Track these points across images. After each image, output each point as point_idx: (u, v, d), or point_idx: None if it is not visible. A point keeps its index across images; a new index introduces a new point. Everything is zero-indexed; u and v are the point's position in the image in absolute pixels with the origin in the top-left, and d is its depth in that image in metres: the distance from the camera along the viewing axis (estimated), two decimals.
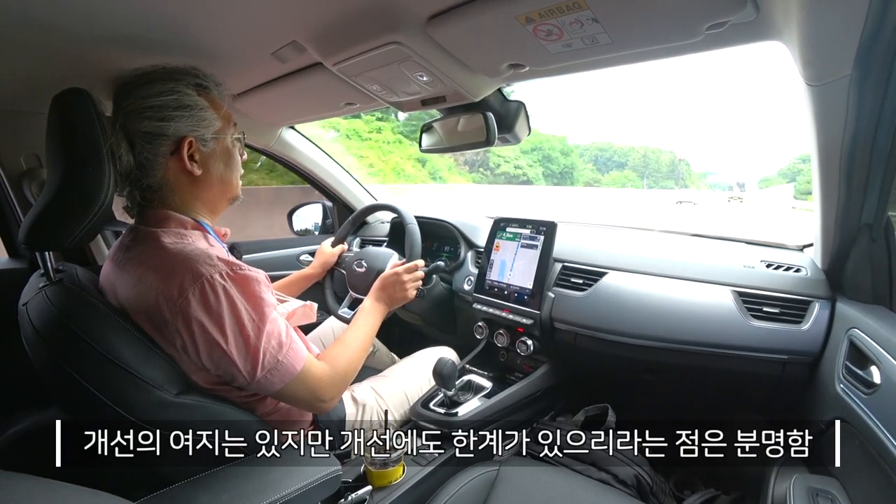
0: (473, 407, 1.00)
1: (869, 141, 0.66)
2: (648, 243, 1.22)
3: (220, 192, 0.78)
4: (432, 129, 1.12)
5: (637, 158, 54.49)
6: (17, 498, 0.37)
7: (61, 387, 0.59)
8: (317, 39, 0.77)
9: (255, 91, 1.08)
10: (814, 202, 0.83)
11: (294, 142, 1.54)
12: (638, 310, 1.01)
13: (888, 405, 0.61)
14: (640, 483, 0.93)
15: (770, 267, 0.99)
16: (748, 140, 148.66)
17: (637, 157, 54.67)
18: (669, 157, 57.92)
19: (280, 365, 0.68)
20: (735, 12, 0.55)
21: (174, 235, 0.70)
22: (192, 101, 0.71)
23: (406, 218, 1.19)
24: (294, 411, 0.81)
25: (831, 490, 0.69)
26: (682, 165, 58.26)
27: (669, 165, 56.58)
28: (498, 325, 1.22)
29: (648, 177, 52.72)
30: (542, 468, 0.90)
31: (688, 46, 0.66)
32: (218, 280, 0.64)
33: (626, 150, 54.51)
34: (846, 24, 0.51)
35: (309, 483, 0.62)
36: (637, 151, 55.68)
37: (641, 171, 53.14)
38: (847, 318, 0.80)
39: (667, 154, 58.18)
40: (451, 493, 0.81)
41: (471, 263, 1.37)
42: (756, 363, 0.89)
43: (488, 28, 0.66)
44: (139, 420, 0.60)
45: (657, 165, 55.47)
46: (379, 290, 1.00)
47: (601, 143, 55.08)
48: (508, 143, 1.08)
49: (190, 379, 0.67)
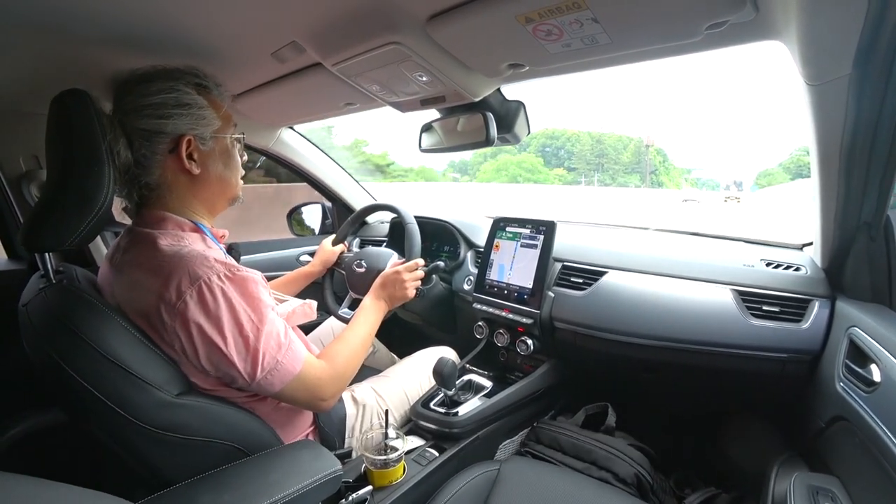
0: (474, 406, 1.01)
1: (868, 140, 0.66)
2: (648, 242, 1.22)
3: (218, 192, 0.78)
4: (432, 129, 1.12)
5: (587, 146, 43.07)
6: (17, 499, 0.37)
7: (61, 388, 0.59)
8: (316, 40, 0.77)
9: (254, 91, 1.08)
10: (813, 201, 0.83)
11: (293, 142, 1.54)
12: (638, 309, 1.01)
13: (888, 403, 0.61)
14: (641, 482, 0.93)
15: (770, 266, 0.99)
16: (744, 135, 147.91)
17: (586, 145, 43.18)
18: (635, 146, 46.49)
19: (279, 365, 0.68)
20: (734, 12, 0.55)
21: (171, 237, 0.69)
22: (191, 99, 0.71)
23: (405, 218, 1.19)
24: (294, 411, 0.81)
25: (832, 488, 0.69)
26: (650, 154, 46.72)
27: (634, 156, 45.90)
28: (498, 325, 1.22)
29: (605, 169, 43.53)
30: (543, 467, 0.90)
31: (687, 46, 0.66)
32: (216, 282, 0.64)
33: (578, 136, 45.14)
34: (846, 23, 0.51)
35: (309, 483, 0.62)
36: (589, 138, 45.33)
37: (594, 162, 42.67)
38: (847, 317, 0.80)
39: (633, 142, 46.74)
40: (451, 492, 0.81)
41: (470, 263, 1.37)
42: (756, 362, 0.90)
43: (488, 28, 0.66)
44: (139, 421, 0.60)
45: (615, 155, 45.14)
46: (379, 289, 1.00)
47: (550, 131, 47.18)
48: (508, 143, 1.08)
49: (190, 380, 0.67)
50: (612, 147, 45.89)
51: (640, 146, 47.27)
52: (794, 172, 42.39)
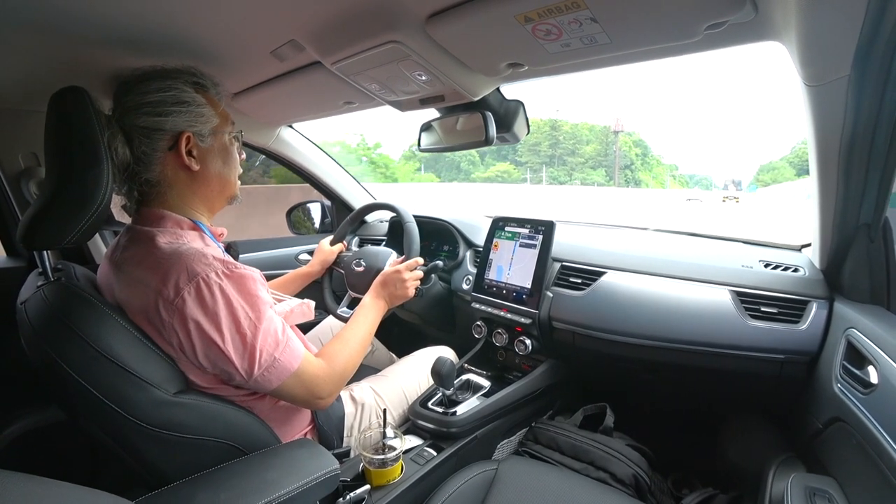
0: (472, 406, 1.01)
1: (867, 141, 0.66)
2: (647, 243, 1.22)
3: (217, 190, 0.78)
4: (431, 128, 1.11)
5: (544, 135, 30.65)
6: (15, 497, 0.37)
7: (59, 386, 0.59)
8: (316, 38, 0.77)
9: (253, 90, 1.08)
10: (812, 202, 0.83)
11: (293, 141, 1.54)
12: (636, 309, 1.01)
13: (885, 405, 0.61)
14: (639, 482, 0.93)
15: (768, 267, 0.99)
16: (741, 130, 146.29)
17: (543, 135, 30.54)
18: (600, 135, 34.06)
19: (277, 362, 0.68)
20: (734, 12, 0.55)
21: (170, 235, 0.70)
22: (189, 97, 0.72)
23: (405, 217, 1.19)
24: (293, 410, 0.81)
25: (829, 489, 0.69)
26: (619, 143, 35.23)
27: (602, 146, 34.51)
28: (496, 325, 1.22)
29: (563, 163, 31.77)
30: (541, 467, 0.90)
31: (687, 46, 0.66)
32: (214, 279, 0.64)
33: (536, 124, 35.01)
34: (845, 24, 0.51)
35: (307, 482, 0.62)
36: (549, 127, 34.81)
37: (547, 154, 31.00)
38: (845, 318, 0.80)
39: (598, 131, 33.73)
40: (449, 492, 0.81)
41: (469, 263, 1.37)
42: (754, 363, 0.90)
43: (487, 27, 0.66)
44: (137, 419, 0.60)
45: (573, 145, 33.99)
46: (379, 288, 1.00)
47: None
48: (507, 143, 1.08)
49: (188, 378, 0.67)
50: (570, 136, 34.82)
51: (608, 134, 35.72)
52: (798, 167, 37.50)
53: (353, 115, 1.21)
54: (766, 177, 41.23)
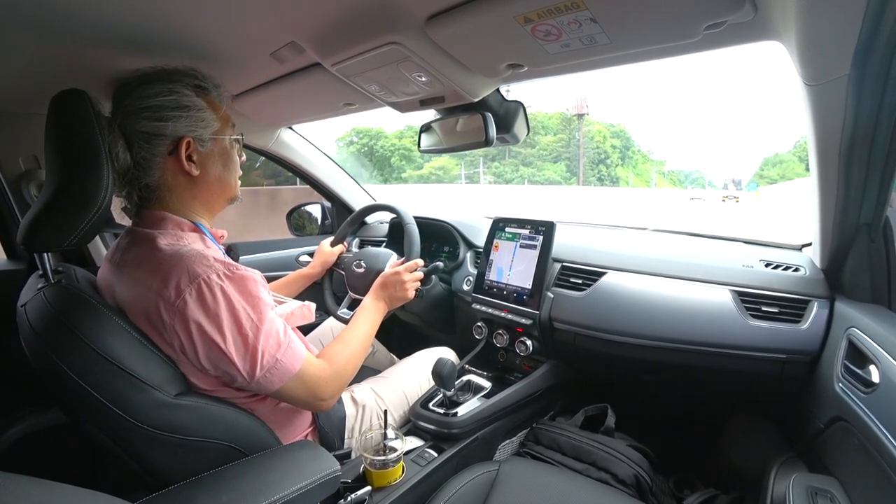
0: (473, 407, 1.00)
1: (867, 140, 0.66)
2: (647, 243, 1.22)
3: (218, 193, 0.78)
4: (431, 129, 1.12)
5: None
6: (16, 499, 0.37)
7: (60, 388, 0.59)
8: (316, 40, 0.77)
9: (253, 92, 1.08)
10: (812, 201, 0.83)
11: (293, 142, 1.54)
12: (637, 309, 1.01)
13: (887, 404, 0.61)
14: (640, 483, 0.93)
15: (769, 266, 0.99)
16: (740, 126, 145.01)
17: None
18: (559, 122, 26.44)
19: (279, 364, 0.68)
20: (733, 12, 0.55)
21: (171, 237, 0.70)
22: (190, 101, 0.71)
23: (405, 218, 1.19)
24: (294, 412, 0.81)
25: (830, 489, 0.69)
26: (582, 130, 27.09)
27: (566, 136, 26.33)
28: (497, 326, 1.22)
29: (512, 156, 24.99)
30: (542, 468, 0.90)
31: (686, 46, 0.66)
32: (215, 280, 0.64)
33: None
34: (844, 23, 0.51)
35: (308, 483, 0.62)
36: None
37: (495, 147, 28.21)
38: (846, 318, 0.80)
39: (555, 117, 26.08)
40: (450, 493, 0.81)
41: (470, 263, 1.37)
42: (755, 363, 0.90)
43: (487, 28, 0.66)
44: (137, 421, 0.60)
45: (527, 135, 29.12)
46: (379, 289, 1.00)
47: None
48: (507, 143, 1.08)
49: (189, 380, 0.67)
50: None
51: (566, 119, 27.59)
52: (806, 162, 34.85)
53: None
54: (772, 172, 36.08)
